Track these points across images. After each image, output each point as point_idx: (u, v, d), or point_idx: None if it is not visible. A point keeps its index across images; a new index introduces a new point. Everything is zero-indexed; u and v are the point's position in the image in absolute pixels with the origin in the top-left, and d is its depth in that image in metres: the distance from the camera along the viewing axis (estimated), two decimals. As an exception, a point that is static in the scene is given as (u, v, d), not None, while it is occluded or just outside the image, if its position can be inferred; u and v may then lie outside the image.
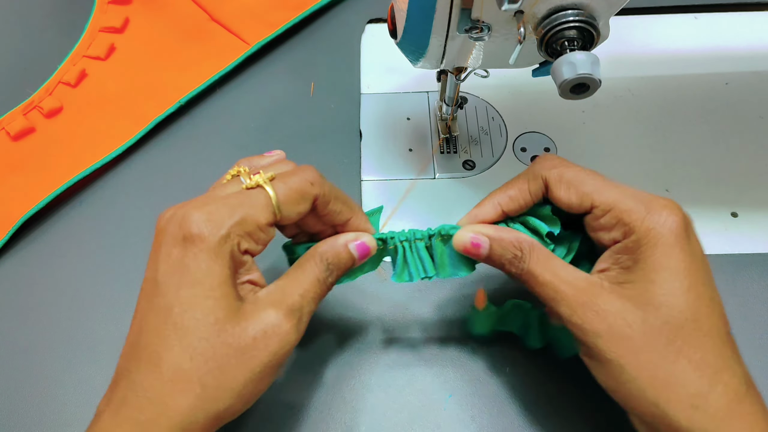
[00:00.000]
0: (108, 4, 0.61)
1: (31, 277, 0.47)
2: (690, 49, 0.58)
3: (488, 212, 0.37)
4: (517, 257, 0.35)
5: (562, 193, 0.35)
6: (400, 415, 0.41)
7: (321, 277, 0.35)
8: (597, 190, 0.34)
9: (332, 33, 0.60)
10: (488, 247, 0.36)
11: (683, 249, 0.32)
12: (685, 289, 0.32)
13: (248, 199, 0.33)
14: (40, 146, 0.53)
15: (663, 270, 0.32)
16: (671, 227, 0.32)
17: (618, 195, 0.34)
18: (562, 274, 0.34)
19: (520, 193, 0.37)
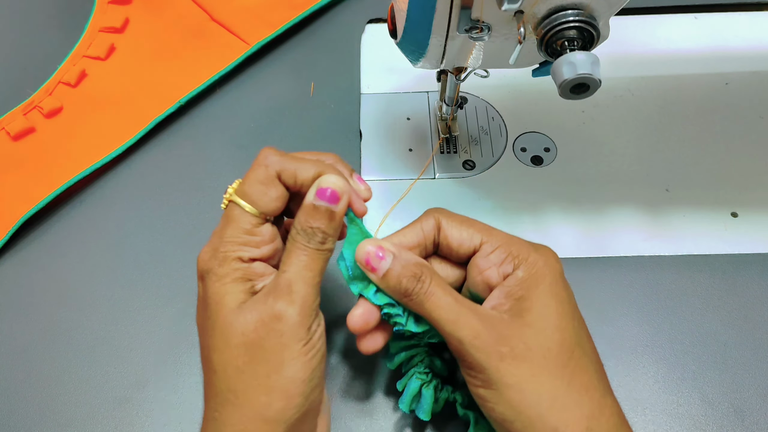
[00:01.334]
0: (108, 4, 0.61)
1: (31, 277, 0.47)
2: (690, 49, 0.58)
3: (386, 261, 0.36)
4: (416, 276, 0.34)
5: (454, 230, 0.36)
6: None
7: (303, 246, 0.33)
8: (486, 230, 0.37)
9: (332, 33, 0.60)
10: (389, 263, 0.34)
11: (564, 285, 0.35)
12: (570, 317, 0.34)
13: (227, 217, 0.35)
14: (40, 146, 0.53)
15: (553, 299, 0.34)
16: (553, 265, 0.35)
17: (504, 236, 0.36)
18: (464, 301, 0.34)
19: (414, 233, 0.37)
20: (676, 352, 0.43)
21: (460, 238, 0.36)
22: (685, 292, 0.45)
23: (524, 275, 0.34)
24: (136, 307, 0.46)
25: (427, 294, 0.34)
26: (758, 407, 0.41)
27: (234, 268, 0.33)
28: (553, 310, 0.34)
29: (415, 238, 0.37)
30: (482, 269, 0.36)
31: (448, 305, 0.33)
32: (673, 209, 0.49)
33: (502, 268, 0.35)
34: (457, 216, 0.37)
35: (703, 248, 0.47)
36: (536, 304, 0.33)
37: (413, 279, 0.34)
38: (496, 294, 0.35)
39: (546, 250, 0.36)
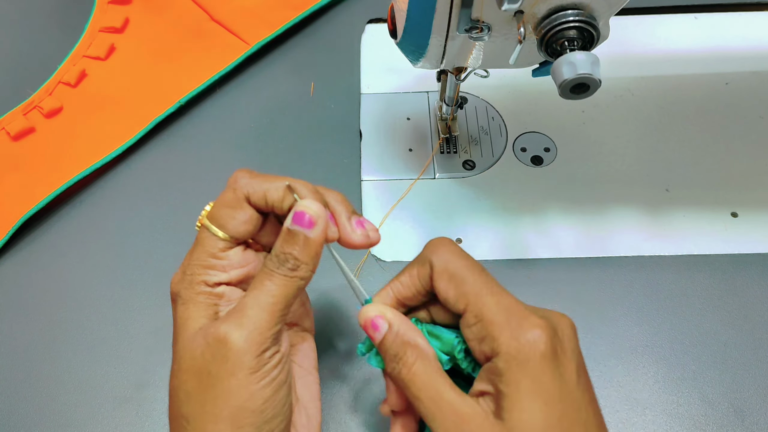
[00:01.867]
0: (108, 4, 0.61)
1: (31, 277, 0.47)
2: (690, 49, 0.58)
3: (385, 301, 0.35)
4: (396, 357, 0.32)
5: (442, 285, 0.33)
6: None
7: (269, 271, 0.32)
8: (475, 293, 0.32)
9: (332, 33, 0.60)
10: (383, 334, 0.33)
11: (553, 374, 0.30)
12: (557, 420, 0.29)
13: (196, 240, 0.34)
14: (40, 146, 0.53)
15: (535, 400, 0.29)
16: (539, 350, 0.30)
17: (492, 305, 0.31)
18: (446, 395, 0.31)
19: (410, 279, 0.34)
20: (676, 352, 0.43)
21: (446, 296, 0.33)
22: (685, 292, 0.45)
23: (503, 367, 0.30)
24: (136, 307, 0.46)
25: (404, 380, 0.32)
26: (758, 407, 0.41)
27: (198, 291, 0.33)
28: (536, 416, 0.29)
29: (411, 287, 0.34)
30: (467, 337, 0.32)
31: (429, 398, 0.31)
32: (673, 209, 0.49)
33: (481, 345, 0.31)
34: (453, 263, 0.33)
35: (703, 248, 0.47)
36: (516, 407, 0.29)
37: (394, 359, 0.32)
38: (481, 376, 0.31)
39: (533, 328, 0.30)
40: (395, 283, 0.35)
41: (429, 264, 0.33)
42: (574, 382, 0.30)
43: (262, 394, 0.31)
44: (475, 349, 0.32)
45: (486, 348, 0.31)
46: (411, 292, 0.34)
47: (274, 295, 0.31)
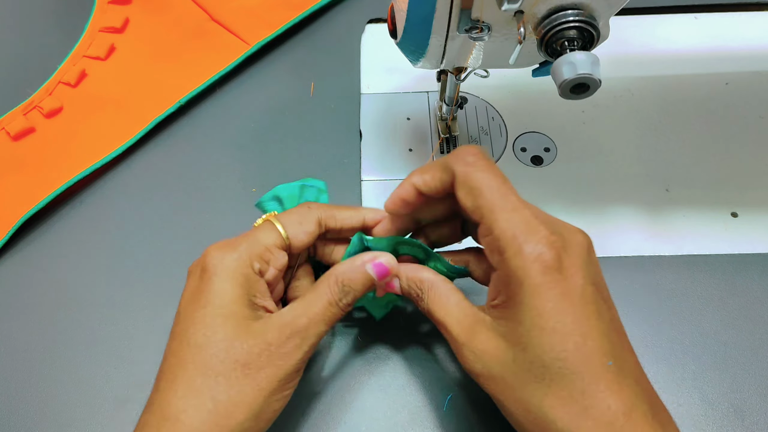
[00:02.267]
0: (108, 4, 0.61)
1: (31, 277, 0.47)
2: (690, 49, 0.58)
3: (406, 192, 0.37)
4: (419, 296, 0.36)
5: (461, 194, 0.34)
6: (400, 415, 0.41)
7: (334, 299, 0.35)
8: (491, 205, 0.32)
9: (332, 33, 0.60)
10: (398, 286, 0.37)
11: (551, 287, 0.30)
12: (549, 330, 0.30)
13: (255, 229, 0.37)
14: (40, 146, 0.53)
15: (529, 310, 0.31)
16: (541, 264, 0.31)
17: (503, 221, 0.32)
18: (454, 312, 0.34)
19: (433, 180, 0.35)
20: (676, 352, 0.43)
21: (464, 205, 0.34)
22: (685, 292, 0.45)
23: (504, 280, 0.32)
24: (136, 307, 0.46)
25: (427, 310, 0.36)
26: (758, 407, 0.41)
27: (245, 273, 0.34)
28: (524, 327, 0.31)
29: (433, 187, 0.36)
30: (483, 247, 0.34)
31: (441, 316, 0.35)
32: (673, 209, 0.49)
33: (492, 258, 0.33)
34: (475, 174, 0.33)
35: (703, 248, 0.47)
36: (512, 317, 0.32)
37: (417, 299, 0.36)
38: (491, 286, 0.34)
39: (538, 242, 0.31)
40: (417, 177, 0.36)
41: (451, 172, 0.34)
42: (579, 295, 0.31)
43: (285, 401, 0.34)
44: (489, 258, 0.33)
45: (494, 260, 0.33)
46: (429, 189, 0.36)
47: (328, 323, 0.35)
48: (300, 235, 0.37)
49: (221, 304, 0.33)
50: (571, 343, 0.30)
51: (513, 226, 0.32)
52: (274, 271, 0.36)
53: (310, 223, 0.37)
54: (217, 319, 0.33)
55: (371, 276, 0.36)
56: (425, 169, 0.36)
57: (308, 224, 0.37)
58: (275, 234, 0.36)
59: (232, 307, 0.33)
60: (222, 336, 0.33)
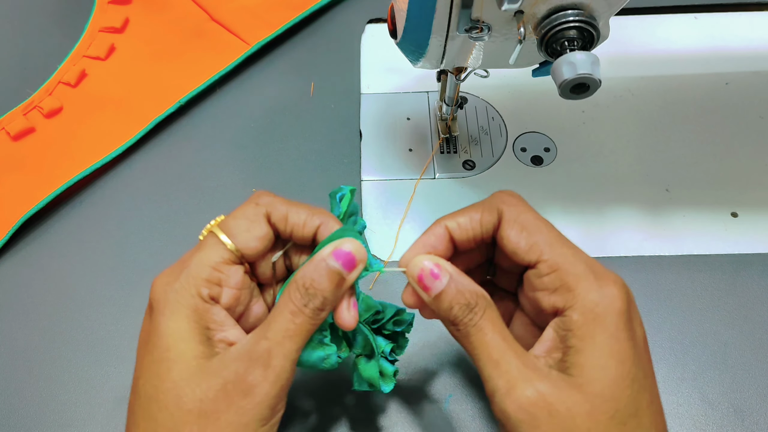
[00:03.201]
0: (108, 4, 0.61)
1: (31, 277, 0.47)
2: (690, 49, 0.58)
3: (436, 237, 0.32)
4: (469, 306, 0.30)
5: (513, 233, 0.31)
6: (400, 415, 0.41)
7: (297, 307, 0.30)
8: (549, 243, 0.30)
9: (332, 33, 0.60)
10: (445, 284, 0.30)
11: (628, 334, 0.29)
12: (630, 381, 0.28)
13: (200, 248, 0.31)
14: (40, 146, 0.53)
15: (611, 358, 0.28)
16: (618, 307, 0.29)
17: (569, 256, 0.30)
18: (512, 345, 0.30)
19: (471, 222, 0.32)
20: (676, 352, 0.43)
21: (516, 246, 0.31)
22: (685, 292, 0.45)
23: (579, 320, 0.29)
24: (136, 307, 0.46)
25: (476, 327, 0.30)
26: (758, 407, 0.41)
27: (191, 304, 0.30)
28: (610, 373, 0.28)
29: (469, 231, 0.32)
30: (534, 287, 0.31)
31: (495, 345, 0.29)
32: (673, 209, 0.49)
33: (553, 297, 0.30)
34: (525, 214, 0.31)
35: (703, 248, 0.47)
36: (589, 363, 0.28)
37: (466, 308, 0.30)
38: (549, 335, 0.30)
39: (612, 284, 0.29)
40: (450, 221, 0.32)
41: (497, 212, 0.32)
42: (644, 347, 0.30)
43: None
44: (543, 301, 0.30)
45: (558, 300, 0.29)
46: (466, 235, 0.32)
47: (297, 340, 0.30)
48: (251, 242, 0.31)
49: (167, 347, 0.29)
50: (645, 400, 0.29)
51: (582, 264, 0.30)
52: (231, 291, 0.31)
53: (259, 225, 0.32)
54: (164, 365, 0.29)
55: (336, 269, 0.30)
56: (457, 213, 0.33)
57: (257, 227, 0.32)
58: (220, 248, 0.31)
59: (181, 347, 0.29)
60: (170, 384, 0.28)
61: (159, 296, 0.30)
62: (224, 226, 0.32)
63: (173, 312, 0.29)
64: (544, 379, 0.28)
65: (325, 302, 0.30)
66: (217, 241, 0.31)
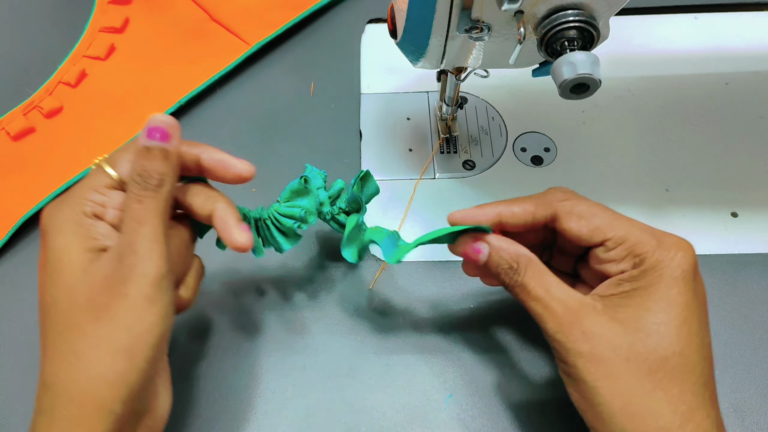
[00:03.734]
0: (108, 4, 0.61)
1: (31, 277, 0.47)
2: (690, 49, 0.58)
3: (487, 216, 0.37)
4: (512, 269, 0.35)
5: (573, 224, 0.35)
6: (400, 415, 0.41)
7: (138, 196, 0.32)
8: (609, 223, 0.34)
9: (332, 33, 0.60)
10: (487, 255, 0.36)
11: (687, 285, 0.32)
12: (680, 322, 0.32)
13: (86, 177, 0.34)
14: (40, 146, 0.53)
15: (662, 300, 0.32)
16: (680, 262, 0.33)
17: (630, 228, 0.34)
18: (554, 291, 0.34)
19: (524, 213, 0.37)
20: (676, 352, 0.43)
21: (579, 234, 0.35)
22: (685, 292, 0.45)
23: (639, 274, 0.33)
24: (136, 307, 0.46)
25: (521, 285, 0.35)
26: (758, 407, 0.41)
27: (77, 220, 0.32)
28: (654, 314, 0.32)
29: (521, 219, 0.37)
30: (601, 261, 0.35)
31: (539, 297, 0.34)
32: (673, 209, 0.49)
33: (621, 265, 0.34)
34: (579, 205, 0.36)
35: (703, 248, 0.47)
36: (638, 304, 0.32)
37: (510, 270, 0.35)
38: (607, 283, 0.34)
39: (675, 247, 0.33)
40: (504, 207, 0.37)
41: (551, 209, 0.36)
42: (702, 300, 0.34)
43: (159, 328, 0.31)
44: (611, 270, 0.34)
45: (626, 265, 0.34)
46: (516, 222, 0.37)
47: (151, 221, 0.32)
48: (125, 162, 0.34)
49: (58, 259, 0.31)
50: (694, 344, 0.32)
51: (643, 232, 0.34)
52: (114, 212, 0.33)
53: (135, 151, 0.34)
54: (55, 274, 0.31)
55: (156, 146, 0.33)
56: (513, 202, 0.37)
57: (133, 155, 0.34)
58: (103, 175, 0.34)
59: (70, 257, 0.31)
60: (62, 288, 0.31)
61: (46, 219, 0.33)
62: (110, 159, 0.34)
63: (59, 229, 0.32)
64: (587, 316, 0.32)
65: (162, 176, 0.33)
66: (101, 170, 0.34)
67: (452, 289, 0.46)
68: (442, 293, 0.45)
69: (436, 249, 0.48)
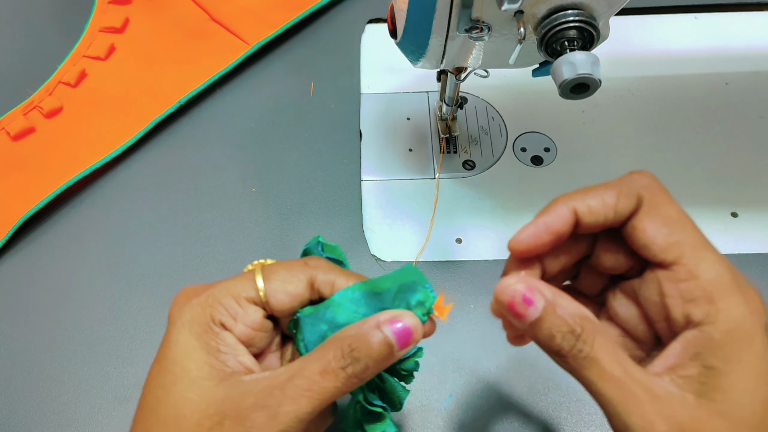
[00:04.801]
0: (108, 4, 0.61)
1: (31, 277, 0.47)
2: (690, 49, 0.58)
3: (561, 218, 0.28)
4: (574, 334, 0.26)
5: (652, 225, 0.27)
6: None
7: (330, 368, 0.27)
8: (693, 244, 0.27)
9: (332, 33, 0.60)
10: (541, 311, 0.27)
11: None
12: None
13: (232, 278, 0.31)
14: (40, 146, 0.53)
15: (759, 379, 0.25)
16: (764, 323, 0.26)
17: (714, 262, 0.26)
18: (635, 373, 0.26)
19: (603, 207, 0.28)
20: (676, 352, 0.43)
21: (649, 240, 0.27)
22: (685, 292, 0.45)
23: (720, 337, 0.25)
24: (136, 307, 0.46)
25: (588, 359, 0.26)
26: (758, 407, 0.41)
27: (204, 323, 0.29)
28: (759, 397, 0.25)
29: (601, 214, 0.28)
30: (664, 294, 0.27)
31: (617, 378, 0.25)
32: (673, 209, 0.49)
33: (688, 307, 0.26)
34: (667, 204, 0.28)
35: (703, 248, 0.47)
36: (735, 386, 0.25)
37: (571, 336, 0.26)
38: (676, 350, 0.26)
39: (756, 298, 0.26)
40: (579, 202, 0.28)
41: (637, 198, 0.28)
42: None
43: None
44: (674, 310, 0.26)
45: (696, 312, 0.26)
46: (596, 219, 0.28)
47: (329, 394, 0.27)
48: (280, 294, 0.30)
49: (175, 359, 0.28)
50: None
51: (727, 271, 0.26)
52: (244, 328, 0.29)
53: (297, 283, 0.30)
54: (168, 377, 0.28)
55: (389, 341, 0.27)
56: (587, 193, 0.28)
57: (294, 283, 0.30)
58: (249, 285, 0.30)
59: (187, 363, 0.28)
60: (171, 400, 0.27)
61: (174, 309, 0.30)
62: (266, 269, 0.30)
63: (184, 326, 0.29)
64: (683, 409, 0.25)
65: (366, 371, 0.27)
66: (251, 278, 0.30)
67: (452, 289, 0.45)
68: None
69: (436, 249, 0.48)
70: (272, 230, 0.49)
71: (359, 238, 0.48)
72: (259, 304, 0.30)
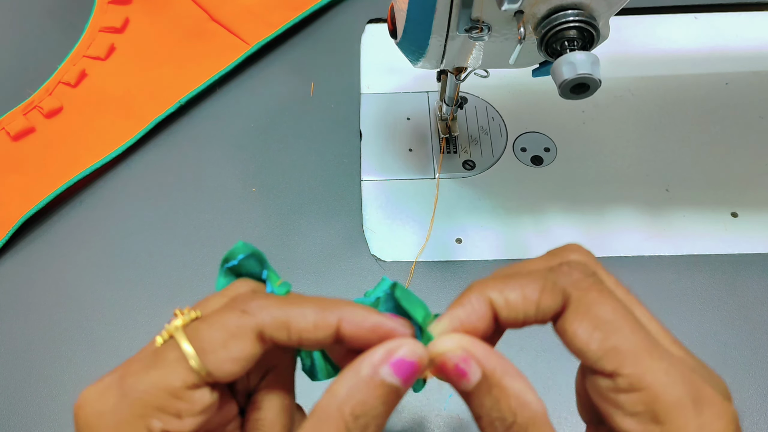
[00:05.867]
0: (108, 4, 0.61)
1: (31, 277, 0.47)
2: (690, 49, 0.58)
3: (476, 312, 0.24)
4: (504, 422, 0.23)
5: (581, 328, 0.23)
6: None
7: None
8: (634, 350, 0.22)
9: (332, 33, 0.60)
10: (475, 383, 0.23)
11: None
12: None
13: (155, 361, 0.23)
14: (40, 146, 0.53)
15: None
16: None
17: (661, 372, 0.22)
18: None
19: (524, 302, 0.23)
20: (676, 352, 0.43)
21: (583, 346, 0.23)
22: (685, 292, 0.45)
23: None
24: (136, 307, 0.46)
25: None
26: (758, 407, 0.41)
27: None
28: None
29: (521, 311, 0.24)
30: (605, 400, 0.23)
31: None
32: (673, 209, 0.49)
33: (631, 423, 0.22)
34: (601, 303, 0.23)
35: (703, 248, 0.47)
36: None
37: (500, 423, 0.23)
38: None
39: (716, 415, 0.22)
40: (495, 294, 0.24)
41: (562, 296, 0.23)
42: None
43: None
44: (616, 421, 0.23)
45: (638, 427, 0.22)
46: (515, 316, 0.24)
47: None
48: (225, 363, 0.23)
49: None
50: None
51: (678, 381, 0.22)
52: (193, 420, 0.23)
53: (241, 342, 0.23)
54: None
55: (394, 384, 0.23)
56: (506, 282, 0.24)
57: (239, 344, 0.23)
58: (182, 367, 0.23)
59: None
60: None
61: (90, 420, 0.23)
62: (193, 334, 0.23)
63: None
64: None
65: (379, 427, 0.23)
66: (180, 355, 0.23)
67: (452, 289, 0.45)
68: (441, 293, 0.45)
69: (436, 249, 0.48)
70: (272, 230, 0.49)
71: (359, 238, 0.48)
72: (202, 384, 0.23)
